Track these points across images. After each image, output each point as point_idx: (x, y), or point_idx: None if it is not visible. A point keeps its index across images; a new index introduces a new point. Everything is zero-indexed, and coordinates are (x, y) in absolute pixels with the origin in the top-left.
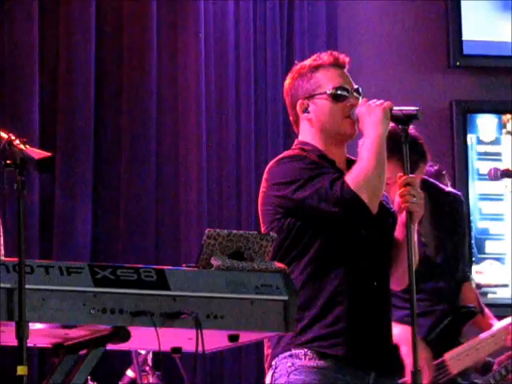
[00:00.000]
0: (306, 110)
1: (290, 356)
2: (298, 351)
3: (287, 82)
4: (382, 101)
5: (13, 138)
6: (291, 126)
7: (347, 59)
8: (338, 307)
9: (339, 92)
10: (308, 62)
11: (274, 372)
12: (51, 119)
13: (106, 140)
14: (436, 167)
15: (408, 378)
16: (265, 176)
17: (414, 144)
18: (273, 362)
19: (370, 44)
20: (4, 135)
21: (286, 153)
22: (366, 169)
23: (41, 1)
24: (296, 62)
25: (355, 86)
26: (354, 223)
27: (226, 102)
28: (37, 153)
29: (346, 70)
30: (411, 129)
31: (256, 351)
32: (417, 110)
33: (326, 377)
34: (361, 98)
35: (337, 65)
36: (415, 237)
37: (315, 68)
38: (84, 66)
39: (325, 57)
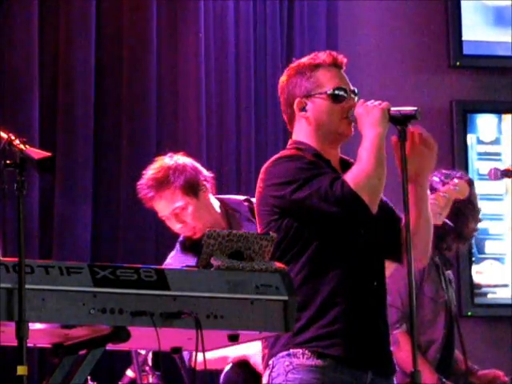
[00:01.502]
0: (303, 109)
1: (288, 355)
2: (295, 351)
3: (283, 79)
4: (379, 101)
5: (13, 137)
6: None
7: (345, 60)
8: (336, 307)
9: (339, 92)
10: (306, 60)
11: (271, 371)
12: (51, 119)
13: (106, 140)
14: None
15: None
16: (261, 176)
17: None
18: (270, 362)
19: (369, 44)
20: (4, 135)
21: (282, 153)
22: (365, 169)
23: (41, 1)
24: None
25: (352, 88)
26: (353, 223)
27: (226, 101)
28: (37, 153)
29: (343, 71)
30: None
31: None
32: (415, 110)
33: (323, 376)
34: (357, 99)
35: (335, 65)
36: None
37: (315, 67)
38: (84, 65)
39: (323, 56)
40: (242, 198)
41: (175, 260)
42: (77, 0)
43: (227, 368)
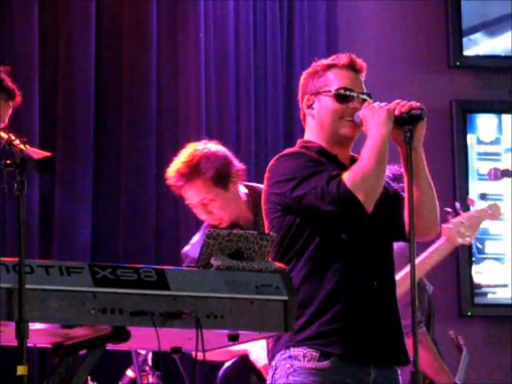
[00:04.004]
0: (310, 106)
1: (290, 357)
2: (297, 352)
3: (302, 77)
4: (385, 103)
5: (13, 138)
6: (291, 124)
7: (364, 65)
8: (337, 305)
9: (343, 92)
10: (326, 60)
11: (273, 373)
12: (51, 119)
13: (106, 140)
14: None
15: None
16: (266, 174)
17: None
18: (273, 363)
19: (369, 44)
20: (4, 135)
21: (286, 150)
22: (364, 168)
23: (41, 1)
24: (296, 60)
25: (365, 91)
26: (350, 222)
27: (226, 101)
28: (37, 153)
29: (361, 76)
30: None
31: None
32: (421, 109)
33: (324, 378)
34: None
35: (351, 67)
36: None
37: (328, 67)
38: (84, 65)
39: (342, 58)
40: None
41: (195, 247)
42: (77, 1)
43: (227, 364)
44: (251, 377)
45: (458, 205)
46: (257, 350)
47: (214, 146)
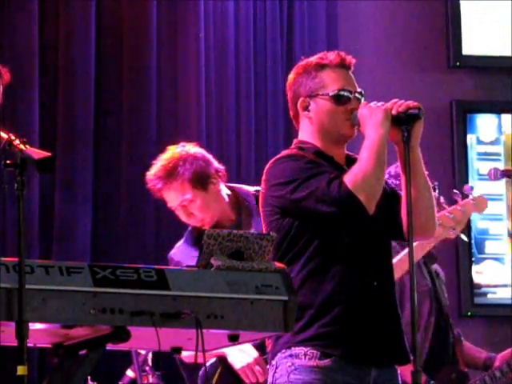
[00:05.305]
0: (306, 108)
1: (290, 356)
2: (298, 351)
3: (291, 76)
4: (382, 102)
5: (13, 138)
6: (291, 124)
7: (353, 61)
8: (337, 306)
9: (342, 94)
10: (314, 59)
11: (274, 372)
12: (51, 119)
13: (106, 140)
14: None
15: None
16: (264, 177)
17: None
18: (273, 362)
19: (369, 44)
20: (4, 135)
21: (283, 152)
22: (364, 169)
23: (41, 1)
24: (296, 60)
25: (358, 89)
26: (351, 223)
27: (226, 101)
28: (37, 153)
29: (351, 72)
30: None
31: None
32: (419, 109)
33: (325, 376)
34: (363, 100)
35: (343, 66)
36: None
37: (321, 67)
38: (84, 65)
39: (331, 56)
40: (252, 189)
41: (180, 251)
42: (77, 0)
43: (209, 362)
44: (231, 378)
45: (458, 193)
46: (234, 353)
47: (192, 148)
